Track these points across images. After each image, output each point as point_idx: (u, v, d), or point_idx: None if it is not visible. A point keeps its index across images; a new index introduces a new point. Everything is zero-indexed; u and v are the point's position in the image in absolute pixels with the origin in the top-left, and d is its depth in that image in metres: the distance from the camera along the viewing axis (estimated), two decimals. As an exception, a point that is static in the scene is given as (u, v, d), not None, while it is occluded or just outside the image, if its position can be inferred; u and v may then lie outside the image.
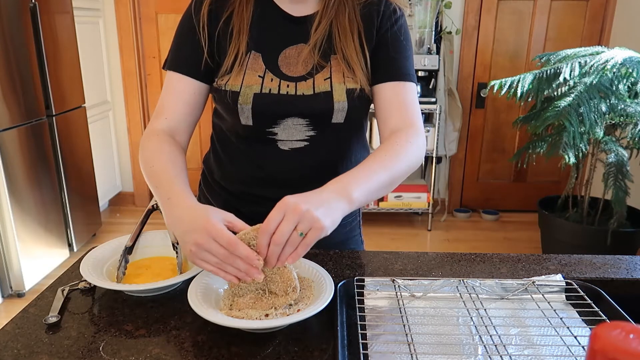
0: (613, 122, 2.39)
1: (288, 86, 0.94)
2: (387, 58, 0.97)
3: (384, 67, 0.97)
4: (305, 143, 0.97)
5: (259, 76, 0.93)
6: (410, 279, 0.84)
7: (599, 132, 2.30)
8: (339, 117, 0.95)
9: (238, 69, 0.94)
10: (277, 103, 0.93)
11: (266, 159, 0.99)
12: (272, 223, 0.72)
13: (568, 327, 0.73)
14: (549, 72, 2.39)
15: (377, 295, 0.83)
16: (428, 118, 3.48)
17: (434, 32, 3.30)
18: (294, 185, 1.00)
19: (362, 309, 0.77)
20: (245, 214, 1.04)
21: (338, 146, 1.01)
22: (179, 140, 0.95)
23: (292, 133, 0.96)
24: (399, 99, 0.95)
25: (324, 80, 0.94)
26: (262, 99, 0.93)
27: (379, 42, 0.97)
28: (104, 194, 3.50)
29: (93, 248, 0.93)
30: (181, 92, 0.96)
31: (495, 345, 0.69)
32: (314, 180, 1.00)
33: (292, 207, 0.72)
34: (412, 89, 0.97)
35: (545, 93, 2.46)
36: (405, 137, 0.90)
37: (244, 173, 1.02)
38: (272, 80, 0.93)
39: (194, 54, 0.96)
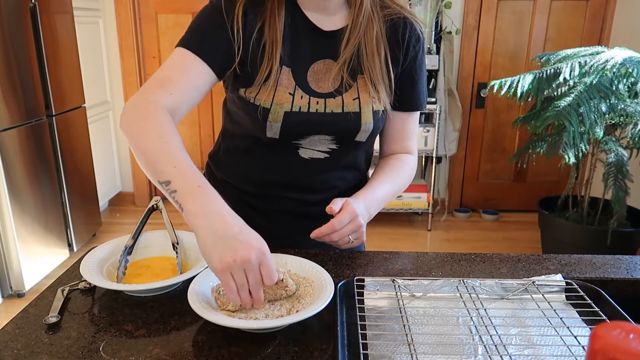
0: (613, 122, 2.39)
1: (317, 103, 0.94)
2: (406, 90, 1.01)
3: (401, 98, 1.01)
4: (326, 155, 0.99)
5: (290, 94, 0.93)
6: (410, 279, 0.84)
7: (599, 132, 2.30)
8: (362, 136, 0.98)
9: (270, 84, 0.92)
10: (306, 122, 0.94)
11: (285, 165, 1.00)
12: (340, 225, 0.86)
13: (568, 327, 0.73)
14: (549, 72, 2.39)
15: (377, 295, 0.83)
16: (428, 118, 3.48)
17: (434, 32, 3.30)
18: (307, 188, 1.03)
19: (362, 309, 0.77)
20: (260, 209, 1.05)
21: (353, 157, 1.04)
22: (175, 121, 0.88)
23: (315, 145, 0.98)
24: (405, 130, 1.05)
25: (353, 100, 0.95)
26: (292, 117, 0.93)
27: (402, 72, 1.00)
28: (104, 194, 3.50)
29: (93, 248, 0.93)
30: (195, 76, 0.89)
31: (495, 345, 0.69)
32: (325, 183, 1.04)
33: (357, 219, 0.88)
34: (417, 117, 1.07)
35: (545, 93, 2.46)
36: (405, 160, 1.05)
37: (259, 175, 1.03)
38: (302, 97, 0.93)
39: (221, 50, 0.91)
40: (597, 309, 0.76)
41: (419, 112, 1.06)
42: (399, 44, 0.97)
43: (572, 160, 2.34)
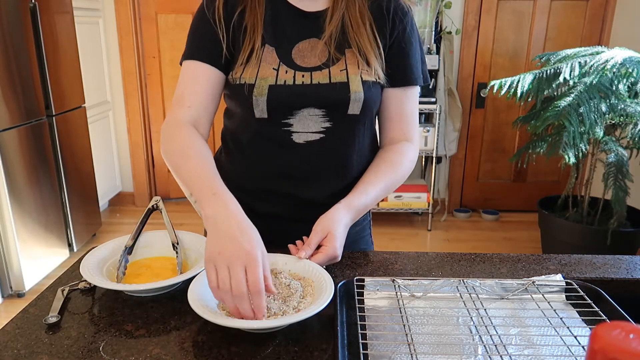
0: (613, 122, 2.39)
1: (303, 76, 0.94)
2: (398, 64, 0.99)
3: (393, 73, 0.99)
4: (321, 135, 0.97)
5: (274, 69, 0.94)
6: (410, 279, 0.84)
7: (599, 132, 2.30)
8: (355, 108, 0.95)
9: (253, 62, 0.94)
10: (292, 94, 0.94)
11: (280, 153, 0.98)
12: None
13: (568, 327, 0.73)
14: (549, 72, 2.39)
15: (377, 295, 0.83)
16: (428, 118, 3.48)
17: (434, 32, 3.30)
18: (308, 178, 1.00)
19: (362, 309, 0.77)
20: (260, 213, 1.03)
21: (352, 137, 1.00)
22: (201, 132, 0.95)
23: (307, 124, 0.96)
24: (403, 111, 1.01)
25: (340, 71, 0.95)
26: (277, 90, 0.93)
27: (391, 45, 0.99)
28: (104, 194, 3.50)
29: (93, 248, 0.93)
30: (203, 81, 0.95)
31: (495, 345, 0.69)
32: (327, 172, 1.01)
33: (335, 259, 0.89)
34: (416, 95, 1.02)
35: (545, 93, 2.46)
36: (404, 152, 1.01)
37: (258, 169, 1.02)
38: (286, 72, 0.94)
39: (213, 45, 0.96)
40: (597, 309, 0.76)
41: (416, 89, 1.02)
42: (384, 18, 0.98)
43: (572, 160, 2.34)
